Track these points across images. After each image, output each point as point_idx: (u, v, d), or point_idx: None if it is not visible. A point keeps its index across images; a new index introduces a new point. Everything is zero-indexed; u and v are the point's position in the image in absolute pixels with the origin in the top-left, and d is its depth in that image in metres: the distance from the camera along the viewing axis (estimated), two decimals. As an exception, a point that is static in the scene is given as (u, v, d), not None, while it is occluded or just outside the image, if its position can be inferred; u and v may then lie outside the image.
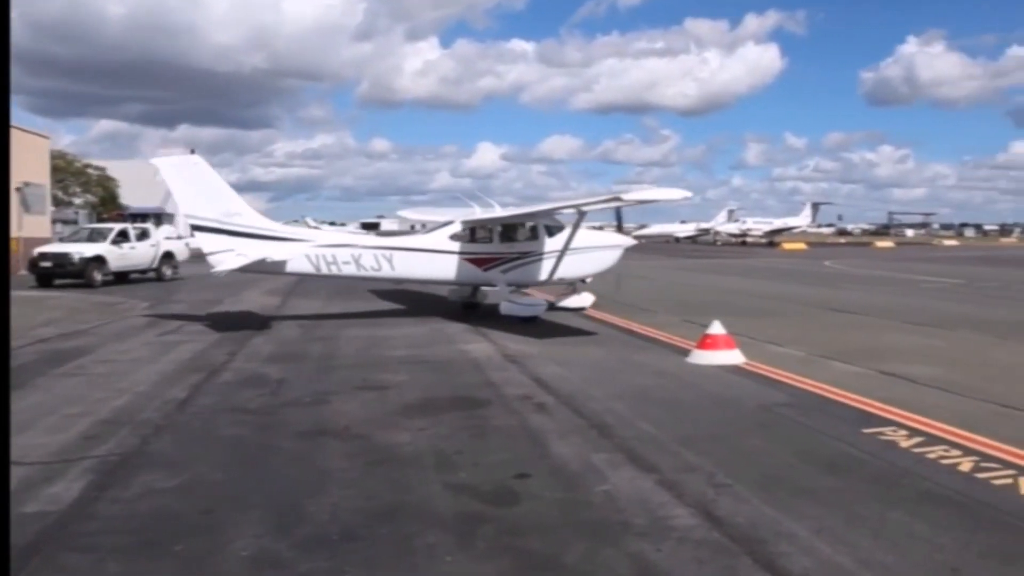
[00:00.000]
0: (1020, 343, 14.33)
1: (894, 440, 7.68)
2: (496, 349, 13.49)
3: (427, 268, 17.17)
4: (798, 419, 8.63)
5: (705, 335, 12.19)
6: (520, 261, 17.44)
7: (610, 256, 18.62)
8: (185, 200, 16.07)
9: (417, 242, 17.70)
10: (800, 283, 30.35)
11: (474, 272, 17.41)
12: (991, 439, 7.63)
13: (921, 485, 6.40)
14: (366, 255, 16.60)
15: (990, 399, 9.52)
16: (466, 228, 17.61)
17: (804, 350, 13.21)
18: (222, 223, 15.86)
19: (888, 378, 10.87)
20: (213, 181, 16.24)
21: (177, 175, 16.08)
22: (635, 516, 5.69)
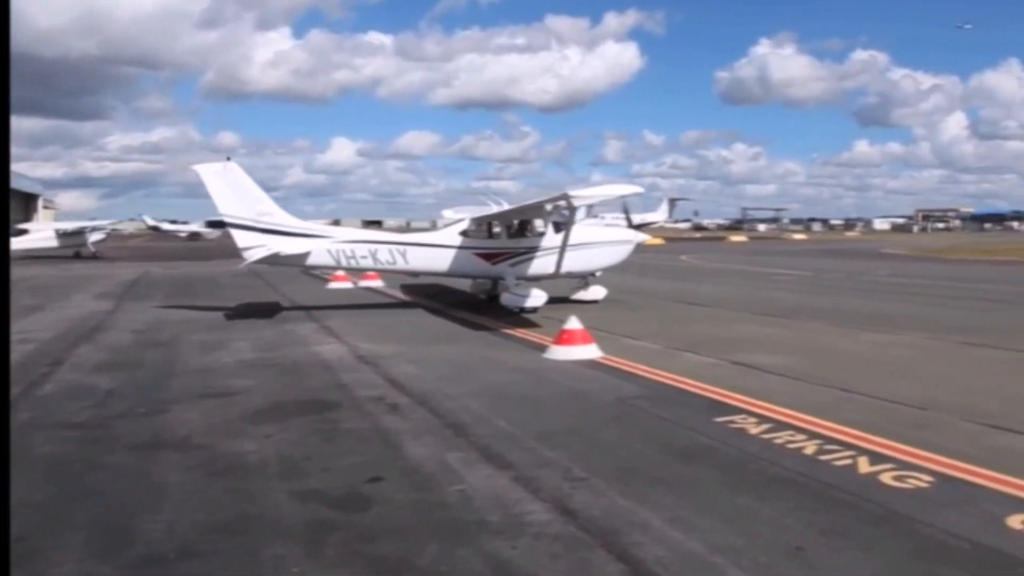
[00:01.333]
0: (862, 332, 15.49)
1: (744, 427, 8.13)
2: (348, 350, 13.28)
3: (438, 262, 18.95)
4: (652, 411, 8.98)
5: (562, 330, 12.48)
6: (527, 256, 18.88)
7: (619, 251, 20.09)
8: (222, 201, 18.00)
9: (429, 238, 20.01)
10: (657, 277, 31.60)
11: (483, 266, 19.05)
12: (833, 423, 8.21)
13: (769, 470, 6.80)
14: (382, 250, 18.51)
15: (833, 385, 10.23)
16: (475, 224, 19.22)
17: (659, 343, 13.78)
18: (255, 221, 17.94)
19: (739, 368, 11.50)
20: (246, 184, 18.19)
21: (215, 179, 17.99)
22: (490, 514, 5.74)
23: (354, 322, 16.84)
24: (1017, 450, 7.38)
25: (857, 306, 20.42)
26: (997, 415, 8.61)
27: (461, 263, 18.93)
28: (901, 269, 37.42)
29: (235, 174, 18.20)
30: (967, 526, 5.50)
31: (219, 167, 18.30)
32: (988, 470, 6.66)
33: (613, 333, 14.46)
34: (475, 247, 18.93)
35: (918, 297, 22.96)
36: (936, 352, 13.24)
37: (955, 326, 16.16)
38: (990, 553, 5.09)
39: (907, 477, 6.52)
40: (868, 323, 16.64)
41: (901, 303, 21.35)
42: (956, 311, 19.40)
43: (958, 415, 8.64)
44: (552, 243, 18.54)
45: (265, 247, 17.83)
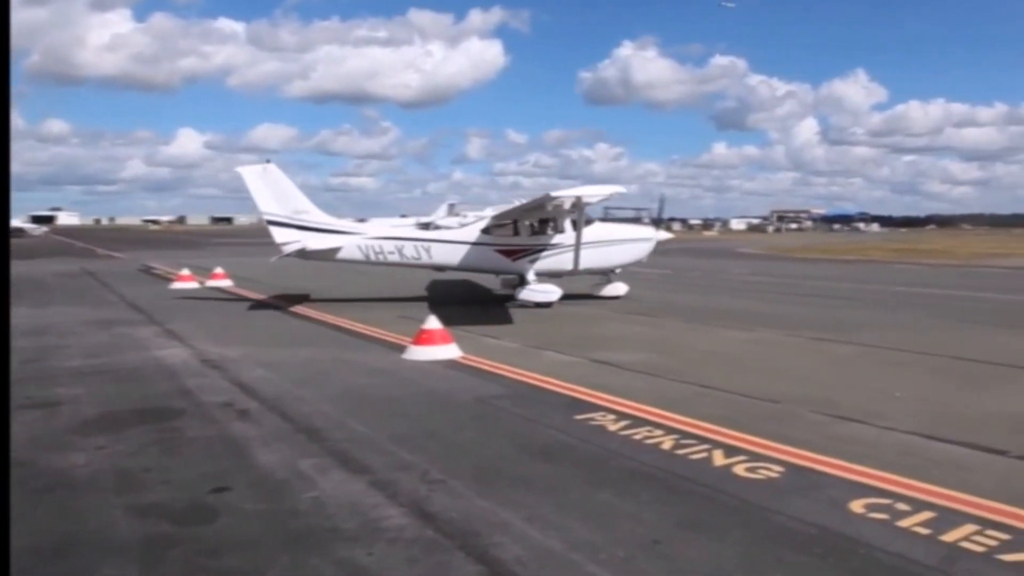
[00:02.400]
0: (719, 328, 16.26)
1: (603, 424, 8.37)
2: (193, 354, 12.77)
3: (460, 258, 20.40)
4: (512, 410, 9.11)
5: (421, 330, 12.46)
6: (546, 252, 20.21)
7: (637, 249, 21.34)
8: (262, 200, 19.96)
9: (452, 235, 21.43)
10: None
11: (503, 262, 20.45)
12: (690, 418, 8.58)
13: (627, 465, 7.03)
14: (408, 246, 20.28)
15: (691, 381, 10.69)
16: (496, 222, 20.64)
17: (519, 342, 13.99)
18: (291, 219, 19.88)
19: (599, 366, 11.84)
20: (285, 185, 20.13)
21: (256, 180, 19.95)
22: (345, 521, 5.67)
23: (200, 324, 16.22)
24: (860, 439, 7.94)
25: (714, 304, 21.40)
26: (843, 406, 9.24)
27: (482, 259, 20.40)
28: (756, 268, 39.53)
29: (274, 175, 20.23)
30: (814, 512, 5.89)
31: (260, 169, 20.34)
32: (833, 458, 7.15)
33: (473, 332, 14.56)
34: (496, 244, 20.30)
35: (772, 295, 24.31)
36: (788, 347, 14.06)
37: (806, 322, 17.22)
38: (834, 536, 5.46)
39: (759, 468, 6.91)
40: (725, 320, 17.48)
41: (756, 301, 22.54)
42: (807, 308, 20.66)
43: (807, 407, 9.22)
44: (571, 240, 19.77)
45: (299, 243, 19.87)
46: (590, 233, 20.18)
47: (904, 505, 6.01)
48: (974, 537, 5.42)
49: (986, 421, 8.67)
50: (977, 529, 5.55)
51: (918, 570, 4.96)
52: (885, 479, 6.61)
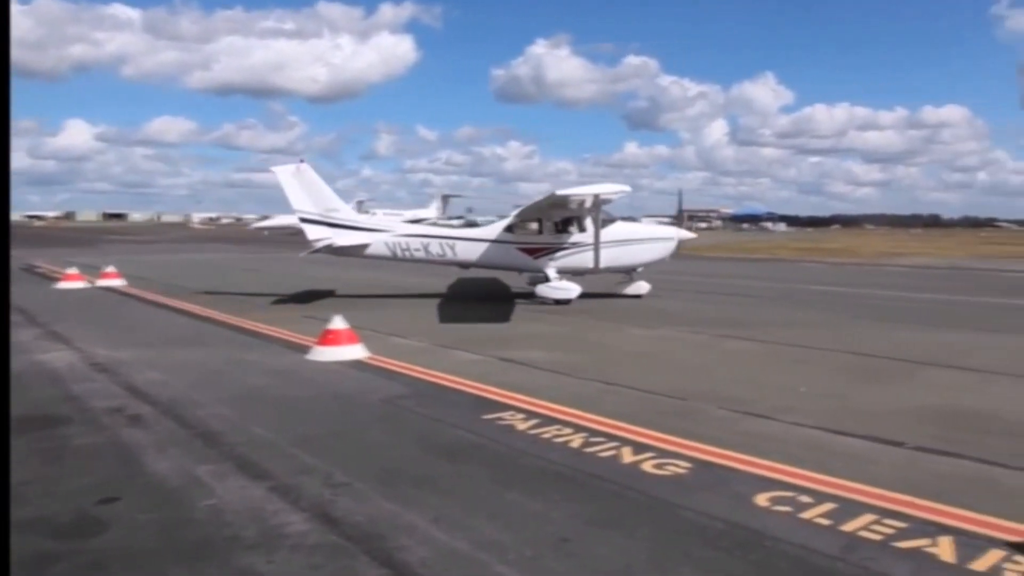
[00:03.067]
0: (626, 326, 16.54)
1: (512, 424, 8.41)
2: (81, 357, 12.27)
3: (484, 255, 21.30)
4: (419, 410, 9.07)
5: (326, 330, 12.29)
6: (569, 250, 20.90)
7: (659, 248, 21.96)
8: (295, 199, 21.04)
9: (477, 233, 22.23)
10: (428, 274, 31.87)
11: (526, 260, 21.20)
12: (599, 415, 8.71)
13: (536, 464, 7.08)
14: (433, 244, 21.28)
15: (600, 379, 10.85)
16: (519, 220, 21.28)
17: (427, 341, 13.96)
18: (323, 217, 21.03)
19: (508, 364, 11.90)
20: (317, 184, 21.27)
21: (290, 180, 21.04)
22: (244, 529, 5.53)
23: (88, 325, 15.60)
24: (765, 434, 8.21)
25: (623, 301, 21.73)
26: (748, 401, 9.54)
27: (505, 256, 21.24)
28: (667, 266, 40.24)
29: (307, 175, 21.36)
30: (720, 506, 6.05)
31: (293, 168, 21.47)
32: (739, 453, 7.37)
33: (380, 332, 14.45)
34: (518, 242, 21.12)
35: (681, 293, 24.82)
36: (696, 344, 14.42)
37: (713, 319, 17.69)
38: (740, 530, 5.62)
39: (667, 464, 7.06)
40: (633, 318, 17.80)
41: (666, 299, 22.98)
42: (716, 306, 21.22)
43: (714, 403, 9.47)
44: (592, 239, 20.53)
45: (330, 239, 21.03)
46: (612, 232, 21.02)
47: (807, 497, 6.24)
48: (872, 526, 5.67)
49: (886, 414, 9.07)
50: (875, 518, 5.80)
51: (819, 560, 5.16)
52: (789, 473, 6.85)
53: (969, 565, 5.06)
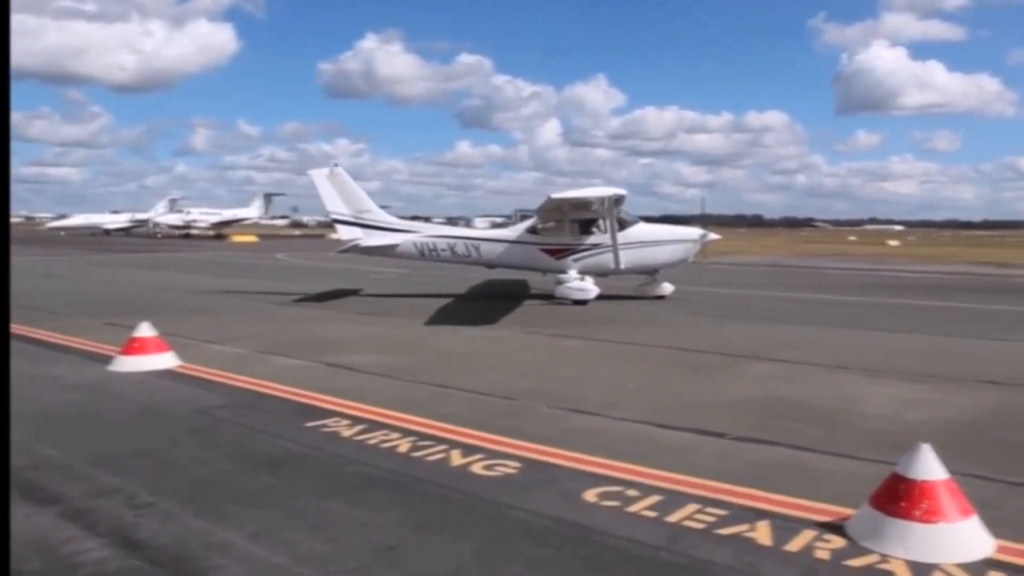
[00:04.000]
0: (456, 327, 16.62)
1: (336, 431, 8.26)
2: None
3: (507, 256, 22.62)
4: (236, 420, 8.74)
5: (131, 339, 11.64)
6: (590, 251, 21.80)
7: (680, 249, 22.25)
8: (329, 200, 22.93)
9: (501, 234, 23.64)
10: (248, 277, 30.95)
11: (548, 260, 22.18)
12: (428, 419, 8.69)
13: (362, 471, 6.98)
14: (459, 244, 22.76)
15: (428, 381, 10.83)
16: (541, 221, 22.29)
17: (247, 347, 13.49)
18: (355, 218, 22.91)
19: (334, 369, 11.68)
20: (350, 186, 23.15)
21: (324, 182, 22.91)
22: (29, 561, 5.11)
23: None
24: (591, 430, 8.46)
25: (456, 303, 21.87)
26: (578, 399, 9.80)
27: (527, 257, 22.37)
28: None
29: (341, 178, 23.22)
30: (549, 504, 6.18)
31: (327, 171, 23.29)
32: (569, 451, 7.56)
33: (194, 339, 13.84)
34: (541, 243, 22.15)
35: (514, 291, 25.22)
36: (526, 344, 14.68)
37: (546, 319, 18.09)
38: (569, 526, 5.76)
39: (496, 465, 7.13)
40: (464, 318, 17.93)
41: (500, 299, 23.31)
42: (548, 305, 21.65)
43: (544, 402, 9.67)
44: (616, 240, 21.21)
45: (361, 239, 22.92)
46: (633, 233, 21.84)
47: (634, 491, 6.47)
48: (696, 515, 5.95)
49: (709, 407, 9.56)
50: (699, 508, 6.10)
51: (645, 551, 5.35)
52: (617, 468, 7.08)
53: (784, 547, 5.40)
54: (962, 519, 5.25)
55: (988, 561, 5.14)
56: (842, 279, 32.87)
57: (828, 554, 5.29)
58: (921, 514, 5.21)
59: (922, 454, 5.37)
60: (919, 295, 25.47)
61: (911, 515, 5.23)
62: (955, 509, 5.25)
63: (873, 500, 5.53)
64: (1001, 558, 5.19)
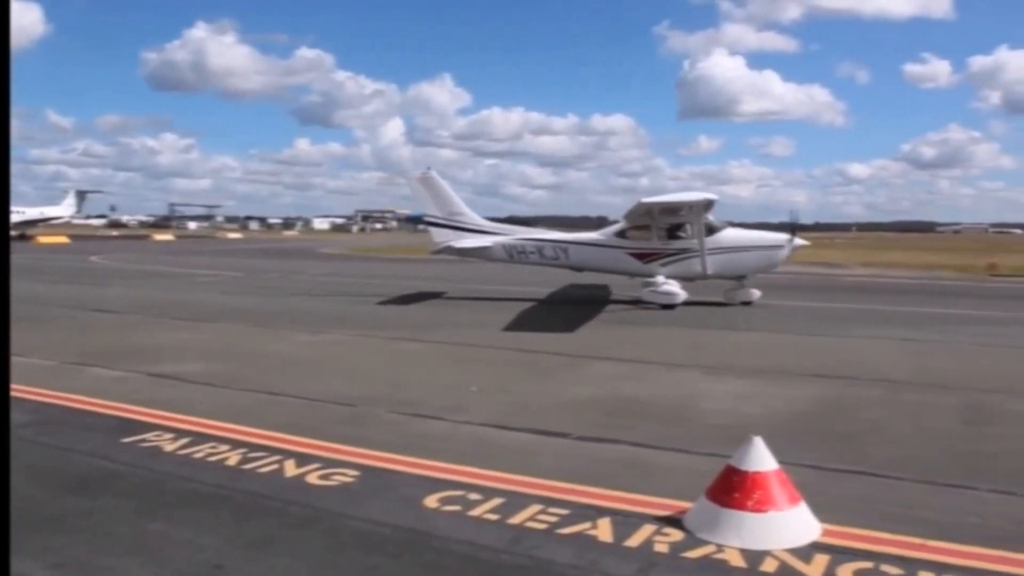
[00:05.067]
0: (294, 332, 16.28)
1: (158, 445, 7.90)
2: None
3: (595, 259, 23.24)
4: (41, 440, 8.17)
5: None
6: (677, 257, 22.13)
7: (769, 256, 22.54)
8: (423, 203, 24.75)
9: (589, 237, 23.76)
10: (59, 281, 29.28)
11: (635, 264, 22.62)
12: (260, 428, 8.46)
13: (185, 488, 6.71)
14: (547, 247, 23.45)
15: (261, 389, 10.56)
16: (631, 226, 22.76)
17: (56, 358, 12.72)
18: (447, 220, 24.33)
19: (155, 380, 11.18)
20: (443, 189, 24.64)
21: (419, 186, 24.79)
22: None
23: None
24: (433, 434, 8.49)
25: (290, 306, 21.46)
26: (419, 403, 9.80)
27: (615, 261, 22.82)
28: (339, 268, 40.37)
29: (433, 181, 24.68)
30: (389, 512, 6.14)
31: (421, 175, 24.89)
32: (409, 456, 7.54)
33: None
34: (629, 247, 22.56)
35: (354, 296, 24.97)
36: (366, 348, 14.58)
37: (385, 322, 18.02)
38: (408, 533, 5.73)
39: (333, 474, 7.03)
40: (301, 323, 17.63)
41: (336, 302, 23.02)
42: (387, 307, 21.57)
43: (384, 407, 9.61)
44: (704, 246, 21.60)
45: (450, 241, 24.08)
46: (721, 239, 22.07)
47: (476, 495, 6.52)
48: (538, 516, 6.06)
49: (552, 407, 9.77)
50: (541, 508, 6.21)
51: (487, 555, 5.40)
52: (459, 471, 7.12)
53: (625, 542, 5.58)
54: (791, 507, 5.60)
55: (815, 544, 5.50)
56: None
57: (667, 547, 5.50)
58: (753, 504, 5.51)
59: (754, 446, 5.68)
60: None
61: (744, 505, 5.52)
62: (784, 497, 5.59)
63: (709, 493, 5.80)
64: (826, 541, 5.56)
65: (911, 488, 6.90)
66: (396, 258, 51.51)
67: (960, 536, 5.74)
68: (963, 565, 5.27)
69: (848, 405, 10.21)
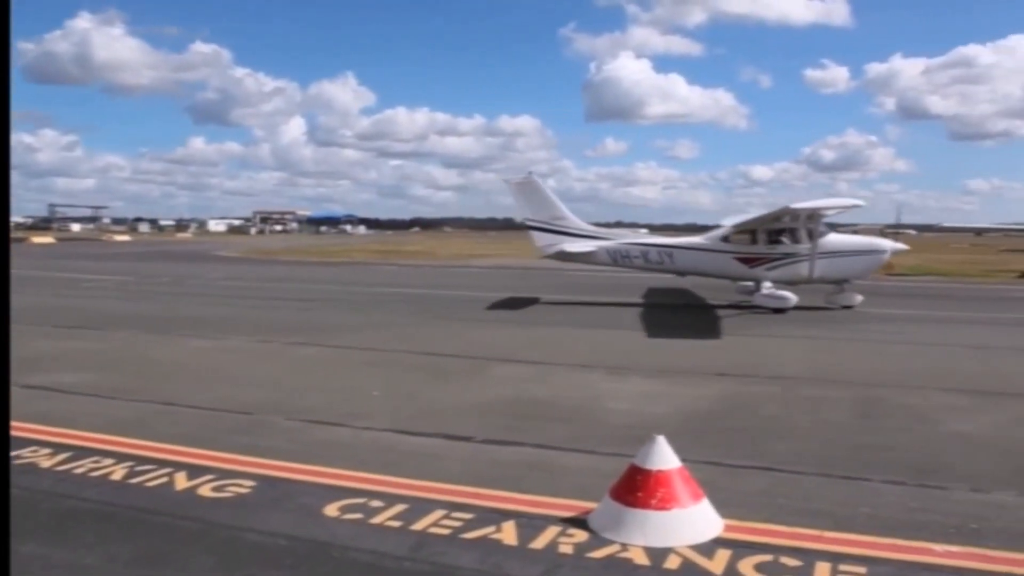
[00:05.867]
0: (186, 338, 15.86)
1: (34, 462, 7.53)
2: None
3: (701, 264, 23.44)
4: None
5: None
6: (783, 261, 22.50)
7: (871, 260, 22.92)
8: (524, 207, 25.08)
9: (694, 242, 24.11)
10: None
11: (741, 269, 23.02)
12: (149, 440, 8.19)
13: (65, 506, 6.43)
14: (652, 252, 23.55)
15: (150, 399, 10.22)
16: (736, 231, 23.37)
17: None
18: (550, 224, 24.71)
19: (32, 392, 10.63)
20: (544, 194, 25.06)
21: (520, 191, 25.21)
22: None
23: None
24: (334, 441, 8.37)
25: (184, 312, 20.88)
26: (319, 409, 9.66)
27: (721, 265, 23.14)
28: (236, 272, 39.50)
29: (534, 185, 24.91)
30: (287, 523, 6.02)
31: (522, 180, 25.15)
32: (308, 464, 7.43)
33: None
34: (735, 251, 22.98)
35: (251, 300, 24.47)
36: (264, 354, 14.26)
37: (284, 326, 17.69)
38: (307, 544, 5.63)
39: (228, 486, 6.85)
40: (195, 329, 17.16)
41: (232, 307, 22.51)
42: (286, 312, 21.22)
43: (282, 415, 9.43)
44: (806, 250, 22.02)
45: (558, 245, 24.16)
46: (825, 244, 22.25)
47: (378, 502, 6.46)
48: (442, 521, 6.04)
49: (457, 411, 9.76)
50: (445, 513, 6.19)
51: (389, 562, 5.35)
52: (360, 479, 7.04)
53: (530, 545, 5.60)
54: (694, 503, 5.72)
55: (717, 540, 5.63)
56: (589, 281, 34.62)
57: (571, 548, 5.54)
58: (657, 502, 5.60)
59: (657, 445, 5.79)
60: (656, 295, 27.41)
61: (648, 504, 5.61)
62: (687, 495, 5.71)
63: (613, 492, 5.87)
64: (728, 536, 5.70)
65: (809, 481, 7.14)
66: (297, 261, 50.71)
67: (855, 526, 5.98)
68: (858, 554, 5.48)
69: (749, 402, 10.48)
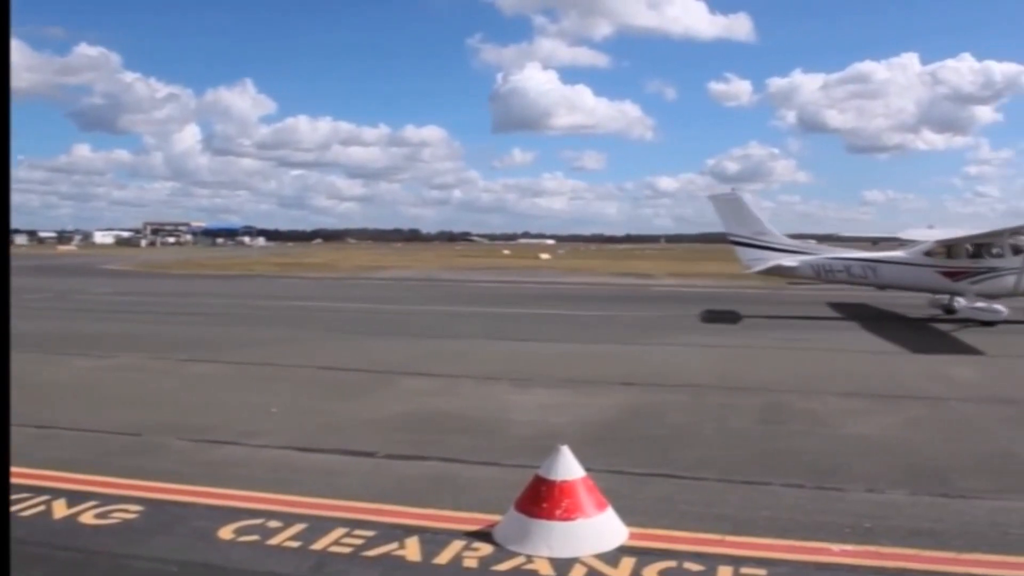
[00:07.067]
0: (70, 357, 15.28)
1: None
2: None
3: (905, 278, 23.86)
4: None
5: None
6: (987, 275, 22.74)
7: None
8: (728, 223, 25.58)
9: (896, 256, 24.69)
10: None
11: (945, 282, 23.35)
12: (23, 467, 7.75)
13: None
14: (855, 266, 24.26)
15: (27, 422, 9.63)
16: (939, 245, 23.75)
17: None
18: (753, 239, 25.37)
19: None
20: (747, 209, 25.62)
21: (723, 206, 25.85)
22: None
23: None
24: (230, 461, 8.19)
25: (68, 329, 20.16)
26: (213, 428, 9.45)
27: (926, 279, 23.52)
28: (125, 286, 38.33)
29: (738, 202, 25.48)
30: (178, 548, 5.85)
31: (725, 195, 26.18)
32: (201, 486, 7.24)
33: None
34: (939, 265, 23.31)
35: (142, 315, 23.79)
36: (154, 372, 13.85)
37: (176, 343, 17.24)
38: (200, 569, 5.50)
39: (113, 512, 6.62)
40: (80, 347, 16.62)
41: (122, 323, 21.82)
42: (180, 327, 20.70)
43: (174, 435, 9.17)
44: (1011, 264, 22.29)
45: (766, 260, 24.63)
46: None
47: (276, 522, 6.33)
48: (343, 540, 5.97)
49: (359, 426, 9.67)
50: (346, 531, 6.12)
51: (286, 585, 5.25)
52: (257, 499, 6.90)
53: (434, 560, 5.58)
54: (598, 513, 5.79)
55: (622, 548, 5.70)
56: (495, 292, 34.77)
57: (476, 562, 5.54)
58: (561, 512, 5.65)
59: (561, 456, 5.84)
60: (564, 305, 27.74)
61: (552, 515, 5.65)
62: (592, 504, 5.77)
63: (518, 504, 5.89)
64: (633, 544, 5.79)
65: (711, 487, 7.30)
66: (188, 274, 49.49)
67: (755, 530, 6.15)
68: (758, 556, 5.63)
69: (655, 411, 10.66)
